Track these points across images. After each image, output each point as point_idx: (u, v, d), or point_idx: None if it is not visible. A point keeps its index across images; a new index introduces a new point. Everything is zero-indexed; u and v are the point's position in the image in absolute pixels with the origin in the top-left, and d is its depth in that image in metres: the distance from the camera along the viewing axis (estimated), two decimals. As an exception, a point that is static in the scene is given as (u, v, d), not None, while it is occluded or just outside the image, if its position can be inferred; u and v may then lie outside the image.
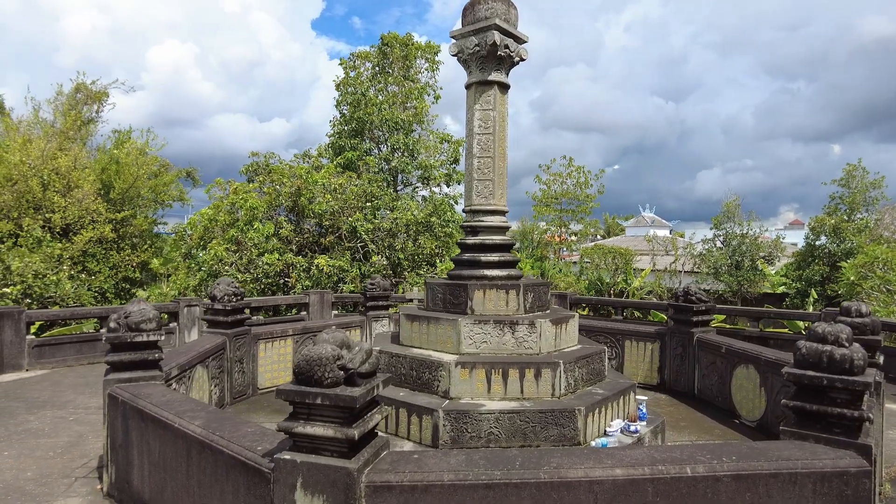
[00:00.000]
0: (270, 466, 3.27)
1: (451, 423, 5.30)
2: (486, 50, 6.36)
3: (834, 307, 10.60)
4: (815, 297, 16.82)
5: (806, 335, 3.94)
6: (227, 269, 15.69)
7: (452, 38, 6.74)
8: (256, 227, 16.52)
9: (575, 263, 25.89)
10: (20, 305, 12.67)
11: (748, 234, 20.71)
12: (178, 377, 5.91)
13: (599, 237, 44.31)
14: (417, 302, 11.47)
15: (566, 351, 6.19)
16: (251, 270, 15.80)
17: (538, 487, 3.19)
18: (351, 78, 22.48)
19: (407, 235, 18.20)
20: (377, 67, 22.67)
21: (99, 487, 5.07)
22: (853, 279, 14.07)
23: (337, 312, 13.82)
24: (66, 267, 15.56)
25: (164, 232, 22.49)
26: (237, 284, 8.18)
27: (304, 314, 13.33)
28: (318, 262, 16.14)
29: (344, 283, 16.51)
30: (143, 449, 4.47)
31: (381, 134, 22.21)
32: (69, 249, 16.34)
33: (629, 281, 20.94)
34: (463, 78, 6.81)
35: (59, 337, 10.40)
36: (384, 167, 22.14)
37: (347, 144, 21.61)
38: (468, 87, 6.72)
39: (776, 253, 21.30)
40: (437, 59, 22.93)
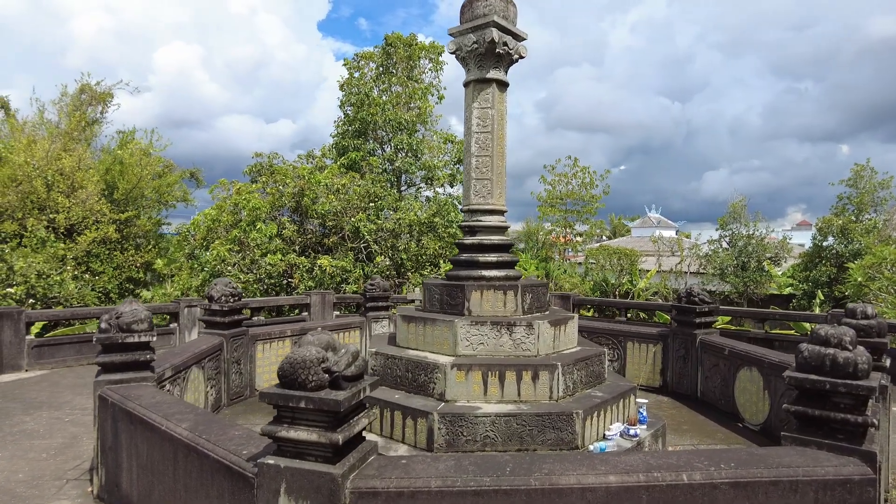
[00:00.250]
0: (254, 471, 3.19)
1: (446, 426, 5.20)
2: (484, 47, 6.27)
3: (841, 308, 10.42)
4: (821, 298, 16.61)
5: (808, 338, 3.83)
6: (229, 269, 15.67)
7: (450, 35, 6.66)
8: (259, 227, 16.50)
9: (580, 264, 25.74)
10: (23, 305, 12.70)
11: (754, 234, 20.50)
12: (171, 378, 5.85)
13: (605, 238, 44.06)
14: (418, 303, 11.37)
15: (565, 353, 6.08)
16: (254, 271, 15.77)
17: (528, 495, 3.09)
18: (355, 78, 22.42)
19: (410, 236, 18.13)
20: (381, 68, 22.60)
21: (90, 490, 5.01)
22: (861, 280, 13.87)
23: (339, 313, 13.75)
24: (69, 267, 15.60)
25: (168, 232, 22.52)
26: (236, 285, 8.12)
27: (305, 315, 13.29)
28: (320, 262, 16.09)
29: (347, 283, 16.44)
30: (131, 451, 4.41)
31: (384, 134, 22.15)
32: (73, 250, 16.38)
33: (634, 282, 20.78)
34: (465, 78, 6.73)
35: (58, 337, 10.37)
36: (388, 168, 22.09)
37: (351, 145, 21.55)
38: (466, 85, 6.63)
39: (783, 254, 21.07)
40: (440, 59, 22.85)
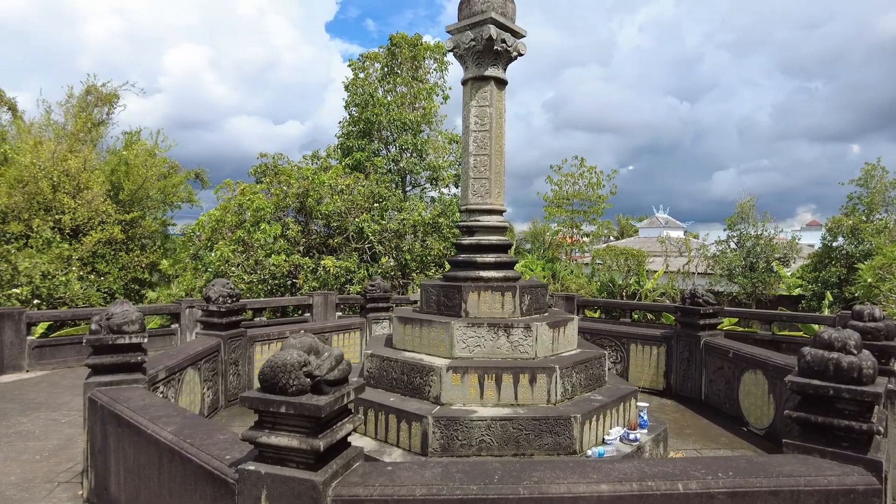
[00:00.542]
0: (235, 477, 3.10)
1: (440, 430, 5.10)
2: (482, 44, 6.17)
3: (850, 310, 10.20)
4: (830, 299, 16.33)
5: (811, 341, 3.70)
6: (233, 269, 15.65)
7: (448, 32, 6.56)
8: (263, 228, 16.46)
9: (587, 265, 25.54)
10: (28, 306, 12.73)
11: (762, 235, 20.23)
12: (165, 380, 5.79)
13: (612, 238, 43.79)
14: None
15: (564, 355, 5.96)
16: (258, 271, 15.73)
17: (517, 503, 2.98)
18: (360, 79, 22.39)
19: (414, 236, 18.04)
20: (386, 68, 22.55)
21: (80, 493, 4.96)
22: (871, 281, 13.62)
23: (341, 314, 13.69)
24: (75, 268, 15.63)
25: (174, 233, 22.57)
26: (234, 286, 8.06)
27: (307, 316, 13.23)
28: (324, 263, 16.03)
29: (351, 284, 16.37)
30: (119, 455, 4.34)
31: (389, 135, 22.10)
32: (78, 250, 16.42)
33: (642, 283, 20.56)
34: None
35: (60, 338, 10.37)
36: (392, 168, 22.03)
37: (356, 145, 21.51)
38: (464, 83, 6.54)
39: (792, 254, 20.78)
40: (445, 59, 22.78)
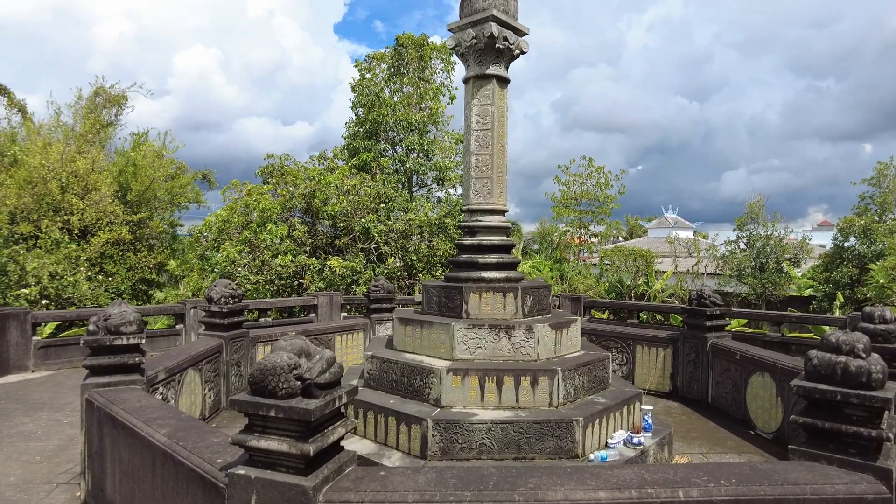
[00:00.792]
0: (225, 481, 3.05)
1: (440, 433, 5.03)
2: (483, 42, 6.10)
3: (861, 312, 10.02)
4: (842, 300, 16.09)
5: (819, 344, 3.59)
6: (239, 270, 15.68)
7: (450, 30, 6.50)
8: (270, 228, 16.48)
9: (595, 265, 25.36)
10: (36, 306, 12.81)
11: (773, 235, 19.99)
12: (165, 381, 5.76)
13: (621, 239, 43.53)
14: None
15: (566, 357, 5.87)
16: (264, 272, 15.75)
17: (512, 510, 2.91)
18: (366, 80, 22.37)
19: (421, 237, 17.98)
20: (392, 69, 22.51)
21: (78, 495, 4.94)
22: (883, 282, 13.40)
23: (346, 315, 13.66)
24: (83, 268, 15.73)
25: (181, 234, 22.67)
26: (236, 286, 8.03)
27: (312, 316, 13.22)
28: (330, 263, 16.02)
29: (357, 284, 16.34)
30: (115, 457, 4.31)
31: (395, 135, 22.06)
32: (87, 251, 16.51)
33: (650, 283, 20.39)
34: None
35: (65, 338, 10.40)
36: (399, 168, 21.99)
37: (362, 146, 21.50)
38: (466, 81, 6.47)
39: (802, 255, 20.51)
40: (452, 59, 22.70)
